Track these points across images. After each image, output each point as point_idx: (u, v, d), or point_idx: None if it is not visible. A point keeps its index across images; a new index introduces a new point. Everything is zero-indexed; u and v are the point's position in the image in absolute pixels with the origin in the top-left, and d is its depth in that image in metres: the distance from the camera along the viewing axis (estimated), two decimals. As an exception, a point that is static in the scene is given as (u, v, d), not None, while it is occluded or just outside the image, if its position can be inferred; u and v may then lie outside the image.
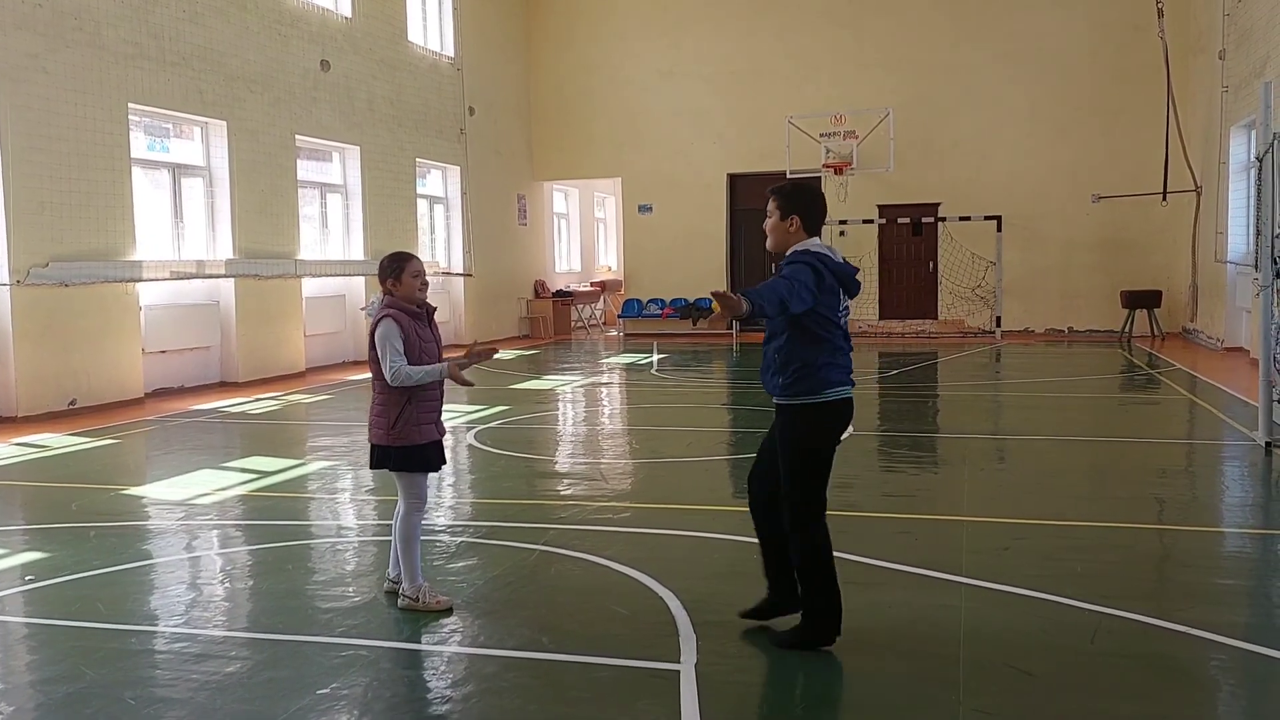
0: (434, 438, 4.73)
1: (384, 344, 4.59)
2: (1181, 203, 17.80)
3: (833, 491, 4.36)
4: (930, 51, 19.68)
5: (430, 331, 4.78)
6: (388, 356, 4.57)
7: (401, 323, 4.62)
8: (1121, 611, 4.43)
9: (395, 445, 4.66)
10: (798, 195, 4.14)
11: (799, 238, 4.11)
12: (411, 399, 4.65)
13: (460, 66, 19.54)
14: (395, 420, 4.64)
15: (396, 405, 4.65)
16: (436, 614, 4.61)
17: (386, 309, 4.68)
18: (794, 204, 4.11)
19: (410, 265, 4.70)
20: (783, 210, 4.11)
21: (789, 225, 4.11)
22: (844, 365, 4.08)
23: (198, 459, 8.58)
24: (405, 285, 4.69)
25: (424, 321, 4.75)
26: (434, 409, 4.75)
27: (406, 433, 4.65)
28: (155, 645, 4.35)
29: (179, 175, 13.31)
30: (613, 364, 16.34)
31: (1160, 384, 12.65)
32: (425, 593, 4.70)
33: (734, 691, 3.78)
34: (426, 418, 4.70)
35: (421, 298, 4.74)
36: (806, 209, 4.11)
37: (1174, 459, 8.26)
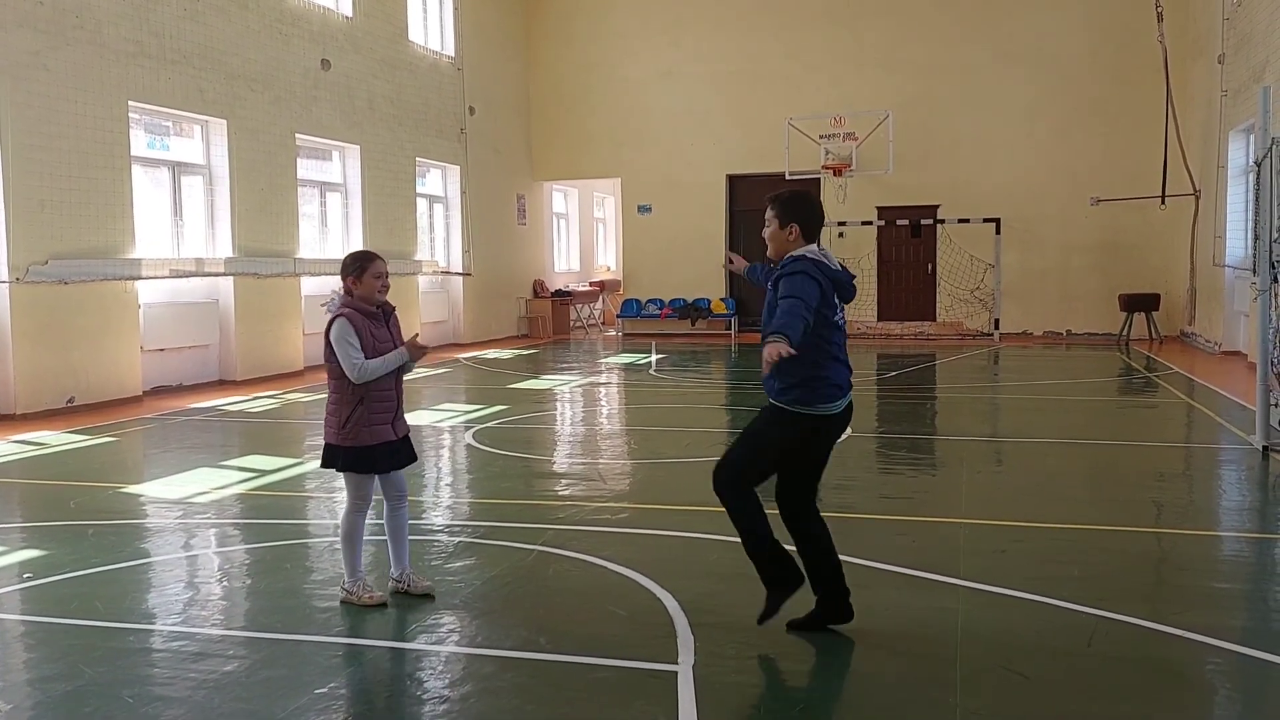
0: (386, 439, 4.73)
1: (340, 343, 4.60)
2: (1180, 206, 17.82)
3: (831, 493, 4.38)
4: (930, 53, 19.69)
5: (386, 330, 4.77)
6: (348, 355, 4.58)
7: (355, 321, 4.63)
8: (1118, 615, 4.44)
9: (344, 445, 4.67)
10: (796, 204, 4.19)
11: (797, 245, 4.16)
12: (364, 399, 4.65)
13: (460, 66, 19.55)
14: (346, 420, 4.65)
15: (349, 405, 4.66)
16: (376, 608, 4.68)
17: (341, 308, 4.69)
18: (793, 212, 4.17)
19: (373, 266, 4.71)
20: (781, 219, 4.16)
21: (788, 234, 4.16)
22: (842, 377, 4.14)
23: (196, 457, 8.59)
24: (365, 285, 4.70)
25: (380, 321, 4.75)
26: (388, 409, 4.74)
27: (357, 433, 4.66)
28: (153, 644, 4.36)
29: (179, 173, 13.31)
30: (611, 364, 16.35)
31: (1158, 387, 12.66)
32: (360, 588, 4.75)
33: (731, 692, 3.79)
34: (379, 418, 4.70)
35: (381, 299, 4.75)
36: (805, 217, 4.17)
37: (1171, 463, 8.28)
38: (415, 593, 4.82)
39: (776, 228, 4.17)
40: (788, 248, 4.16)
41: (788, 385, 4.05)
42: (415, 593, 4.82)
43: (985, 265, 19.28)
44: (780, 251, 4.19)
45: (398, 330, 4.87)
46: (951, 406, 11.81)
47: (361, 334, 4.62)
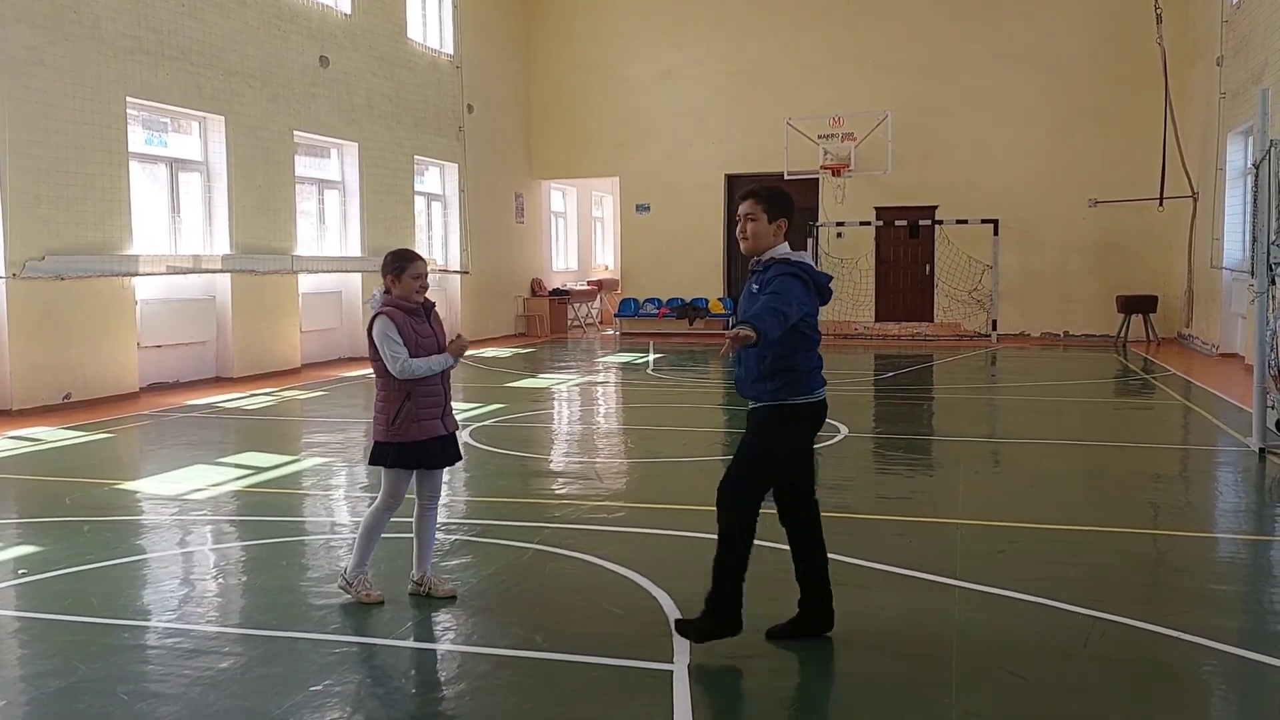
0: (436, 434, 4.73)
1: (382, 340, 4.61)
2: (1178, 208, 17.84)
3: (827, 493, 4.38)
4: (930, 54, 19.70)
5: (429, 326, 4.78)
6: (388, 351, 4.59)
7: (396, 319, 4.63)
8: (1115, 616, 4.44)
9: (394, 441, 4.66)
10: (783, 199, 4.21)
11: (779, 241, 4.18)
12: (412, 394, 4.65)
13: (459, 64, 19.53)
14: (396, 416, 4.65)
15: (397, 401, 4.66)
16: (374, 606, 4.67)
17: (383, 307, 4.69)
18: (782, 208, 4.18)
19: (412, 267, 4.71)
20: (770, 213, 4.16)
21: (776, 228, 4.17)
22: (819, 367, 4.22)
23: (192, 454, 8.57)
24: (404, 285, 4.70)
25: (420, 317, 4.75)
26: (436, 404, 4.75)
27: (406, 429, 4.65)
28: (148, 640, 4.34)
29: (176, 170, 13.29)
30: (609, 363, 16.34)
31: (1155, 389, 12.67)
32: (360, 583, 4.74)
33: (727, 692, 3.79)
34: (428, 413, 4.70)
35: (419, 300, 4.74)
36: (791, 213, 4.21)
37: (1168, 464, 8.28)
38: (437, 596, 4.77)
39: (765, 222, 4.16)
40: (770, 243, 4.17)
41: (775, 384, 4.07)
42: (437, 596, 4.77)
43: (983, 266, 19.29)
44: (761, 246, 4.17)
45: (439, 325, 4.87)
46: (949, 407, 11.81)
47: (403, 330, 4.62)
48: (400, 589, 4.84)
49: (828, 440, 9.00)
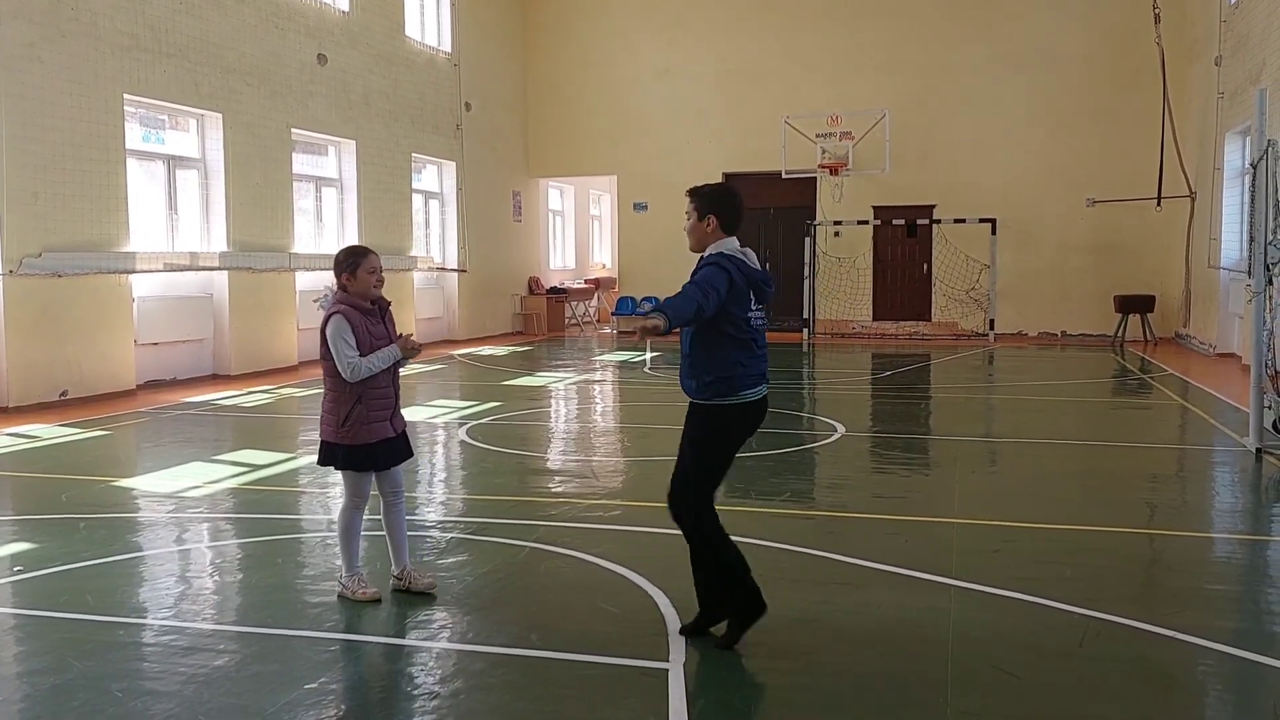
0: (385, 435, 4.72)
1: (335, 341, 4.59)
2: (1176, 208, 17.85)
3: (823, 492, 4.38)
4: (927, 53, 19.70)
5: (382, 327, 4.75)
6: (342, 354, 4.57)
7: (352, 319, 4.62)
8: (1111, 615, 4.44)
9: (343, 444, 4.66)
10: (714, 195, 4.22)
11: (717, 237, 4.19)
12: (362, 397, 4.64)
13: (457, 62, 19.51)
14: (345, 419, 4.64)
15: (347, 403, 4.64)
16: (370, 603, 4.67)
17: (337, 305, 4.67)
18: (711, 204, 4.19)
19: (366, 261, 4.69)
20: (700, 210, 4.19)
21: (706, 226, 4.19)
22: (758, 369, 4.18)
23: (189, 451, 8.56)
24: (360, 281, 4.68)
25: (375, 317, 4.74)
26: (386, 405, 4.74)
27: (356, 431, 4.65)
28: (143, 638, 4.34)
29: (174, 167, 13.27)
30: (605, 361, 16.34)
31: (1152, 389, 12.68)
32: (355, 582, 4.74)
33: (722, 691, 3.79)
34: (378, 415, 4.69)
35: (376, 294, 4.73)
36: (722, 209, 4.19)
37: (1165, 464, 8.29)
38: (416, 590, 4.79)
39: (696, 219, 4.20)
40: (707, 240, 4.19)
41: (707, 380, 4.09)
42: (416, 590, 4.79)
43: (981, 265, 19.30)
44: (699, 243, 4.22)
45: (393, 325, 4.85)
46: (945, 406, 11.81)
47: (358, 331, 4.61)
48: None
49: (825, 439, 9.01)
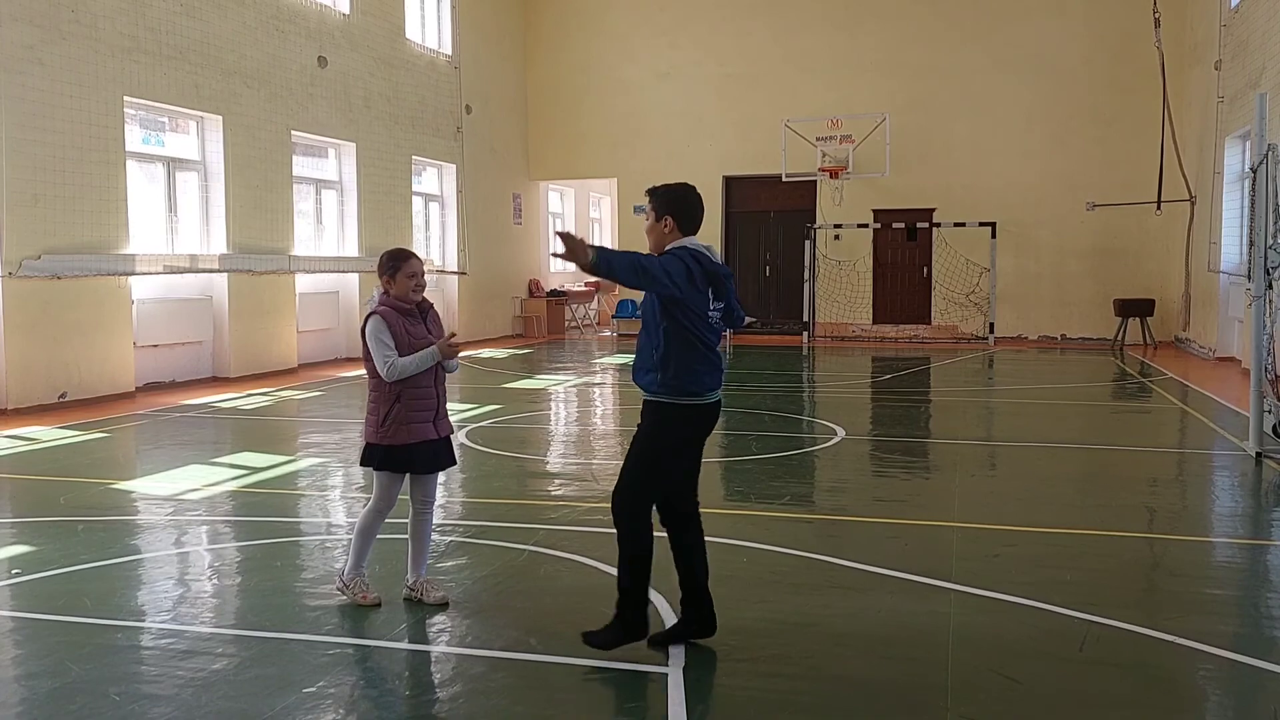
0: (426, 437, 4.69)
1: (374, 340, 4.59)
2: (1176, 212, 17.86)
3: (823, 495, 4.37)
4: (928, 57, 19.71)
5: (423, 327, 4.75)
6: (379, 353, 4.57)
7: (389, 319, 4.61)
8: (1111, 620, 4.43)
9: (382, 444, 4.64)
10: (670, 196, 4.17)
11: (674, 238, 4.15)
12: (401, 397, 4.63)
13: (457, 65, 19.52)
14: (385, 418, 4.63)
15: (386, 403, 4.64)
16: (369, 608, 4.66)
17: (378, 306, 4.68)
18: (667, 205, 4.15)
19: (406, 265, 4.68)
20: (657, 211, 4.16)
21: (663, 226, 4.15)
22: (715, 368, 4.15)
23: (188, 454, 8.55)
24: (399, 285, 4.68)
25: (415, 318, 4.73)
26: (428, 407, 4.71)
27: (395, 431, 4.63)
28: (141, 641, 4.33)
29: (174, 169, 13.27)
30: (606, 364, 16.33)
31: (1152, 393, 12.68)
32: (358, 585, 4.72)
33: (721, 696, 3.78)
34: (418, 416, 4.67)
35: (415, 299, 4.72)
36: (678, 209, 4.14)
37: (1165, 468, 8.28)
38: (428, 602, 4.70)
39: (653, 220, 4.16)
40: (665, 240, 4.15)
41: (662, 378, 4.06)
42: (428, 602, 4.70)
43: (980, 269, 19.30)
44: (658, 244, 4.18)
45: (437, 327, 4.83)
46: (945, 410, 11.80)
47: (396, 331, 4.60)
48: (396, 591, 4.83)
49: (825, 443, 9.00)
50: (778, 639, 4.24)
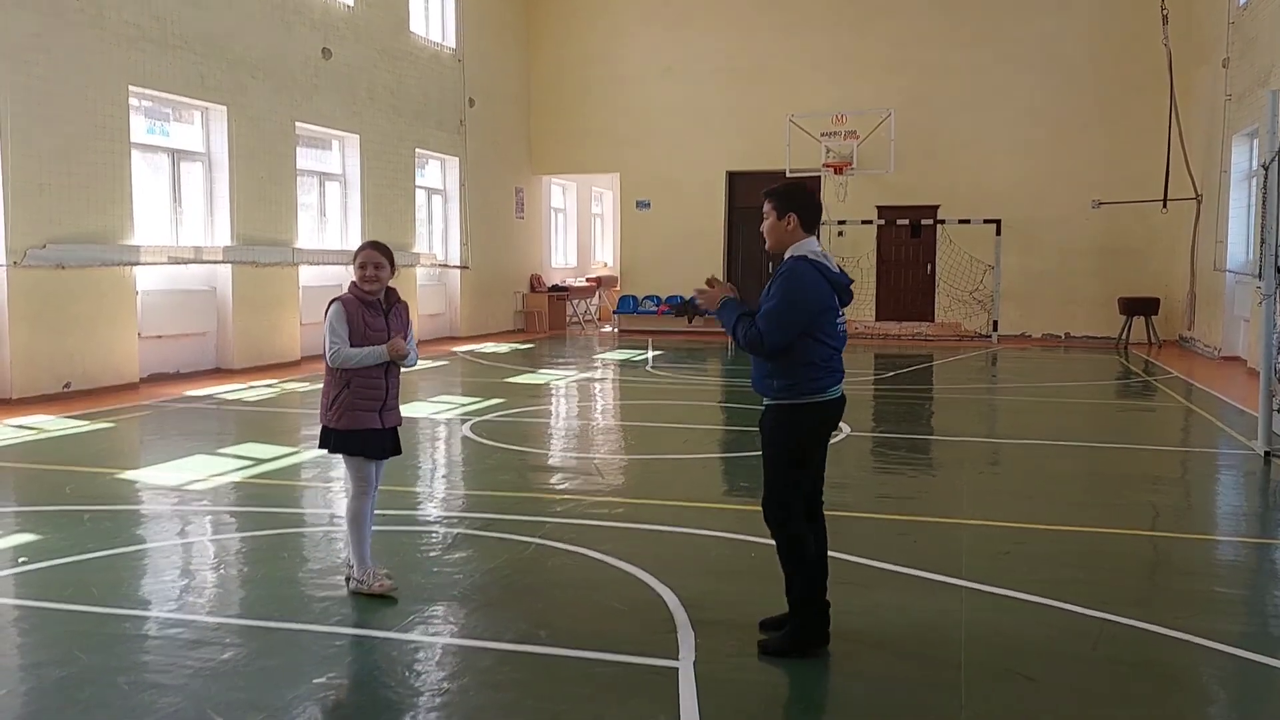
0: (371, 425, 4.72)
1: (327, 326, 4.69)
2: (1181, 210, 17.81)
3: (830, 492, 4.36)
4: (933, 53, 19.65)
5: (381, 320, 4.74)
6: (328, 337, 4.66)
7: (349, 307, 4.68)
8: (1122, 618, 4.40)
9: (332, 427, 4.71)
10: (794, 194, 4.15)
11: (796, 236, 4.10)
12: (349, 384, 4.68)
13: (461, 58, 19.47)
14: (333, 403, 4.71)
15: (336, 387, 4.72)
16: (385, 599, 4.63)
17: (342, 294, 4.74)
18: (790, 203, 4.11)
19: (360, 255, 4.76)
20: (779, 210, 4.10)
21: (786, 224, 4.10)
22: (837, 368, 4.10)
23: (193, 444, 8.53)
24: (356, 274, 4.75)
25: (376, 310, 4.75)
26: (375, 397, 4.73)
27: (340, 416, 4.69)
28: (149, 630, 4.31)
29: (178, 160, 13.23)
30: (607, 359, 16.31)
31: (1157, 391, 12.65)
32: (370, 574, 4.71)
33: (733, 691, 3.75)
34: (364, 404, 4.70)
35: (368, 288, 4.70)
36: (803, 207, 4.11)
37: (1172, 467, 8.25)
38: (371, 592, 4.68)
39: (775, 219, 4.11)
40: (787, 239, 4.11)
41: (781, 382, 4.01)
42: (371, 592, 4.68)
43: (985, 266, 19.26)
44: (779, 243, 4.13)
45: (400, 320, 4.83)
46: (950, 407, 11.78)
47: (353, 321, 4.66)
48: (404, 581, 4.80)
49: (830, 440, 8.96)
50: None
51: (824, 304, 4.00)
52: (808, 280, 3.96)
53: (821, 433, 4.14)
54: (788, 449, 4.06)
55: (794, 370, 3.99)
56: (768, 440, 4.11)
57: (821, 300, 3.99)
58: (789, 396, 4.02)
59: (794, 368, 3.99)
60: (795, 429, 4.05)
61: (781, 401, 4.04)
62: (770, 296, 3.97)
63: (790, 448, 4.06)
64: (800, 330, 3.94)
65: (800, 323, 3.94)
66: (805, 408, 4.03)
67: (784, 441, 4.06)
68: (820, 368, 4.02)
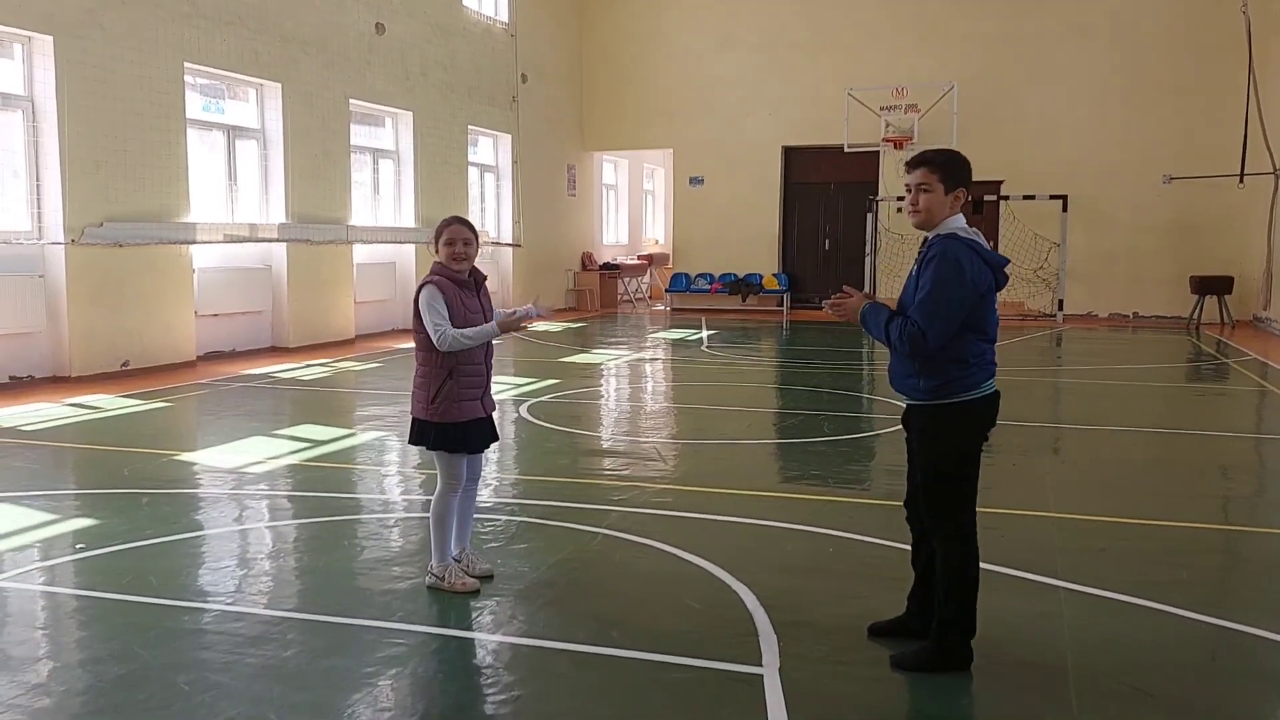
0: (476, 415, 4.50)
1: (427, 309, 4.38)
2: (1258, 186, 17.07)
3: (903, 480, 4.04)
4: (996, 23, 19.01)
5: (477, 301, 4.55)
6: (431, 320, 4.36)
7: (443, 288, 4.41)
8: (1240, 625, 4.08)
9: (434, 421, 4.44)
10: (963, 165, 3.65)
11: (955, 214, 3.65)
12: (454, 372, 4.42)
13: (514, 32, 19.21)
14: (435, 395, 4.43)
15: (438, 379, 4.43)
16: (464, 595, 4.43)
17: (431, 275, 4.47)
18: (961, 175, 3.63)
19: (447, 232, 4.49)
20: (947, 182, 3.61)
21: (954, 199, 3.63)
22: (991, 360, 3.69)
23: (250, 425, 8.44)
24: (442, 253, 4.49)
25: (470, 291, 4.52)
26: (478, 384, 4.52)
27: (446, 409, 4.42)
28: (208, 625, 4.15)
29: (233, 137, 13.16)
30: (661, 339, 16.06)
31: (1237, 374, 12.09)
32: (452, 573, 4.51)
33: (825, 702, 3.50)
34: (469, 393, 4.47)
35: (457, 267, 4.48)
36: (971, 181, 3.65)
37: (1267, 456, 7.82)
38: (474, 574, 4.58)
39: (940, 193, 3.62)
40: (943, 215, 3.63)
41: (932, 381, 3.60)
42: (474, 574, 4.58)
43: (1050, 244, 18.66)
44: (934, 220, 3.65)
45: (489, 300, 4.64)
46: (1017, 390, 11.31)
47: (451, 301, 4.40)
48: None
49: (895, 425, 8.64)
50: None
51: (985, 288, 3.59)
52: (966, 262, 3.54)
53: (983, 435, 3.70)
54: (946, 457, 3.64)
55: (944, 367, 3.58)
56: (922, 448, 3.71)
57: (982, 284, 3.57)
58: (940, 397, 3.61)
59: (945, 364, 3.58)
60: (953, 434, 3.62)
61: (932, 403, 3.63)
62: (924, 285, 3.54)
63: (948, 455, 3.63)
64: (962, 320, 3.54)
65: (963, 312, 3.53)
66: (961, 408, 3.60)
67: (942, 449, 3.64)
68: (972, 364, 3.60)
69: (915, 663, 3.68)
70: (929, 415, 3.67)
